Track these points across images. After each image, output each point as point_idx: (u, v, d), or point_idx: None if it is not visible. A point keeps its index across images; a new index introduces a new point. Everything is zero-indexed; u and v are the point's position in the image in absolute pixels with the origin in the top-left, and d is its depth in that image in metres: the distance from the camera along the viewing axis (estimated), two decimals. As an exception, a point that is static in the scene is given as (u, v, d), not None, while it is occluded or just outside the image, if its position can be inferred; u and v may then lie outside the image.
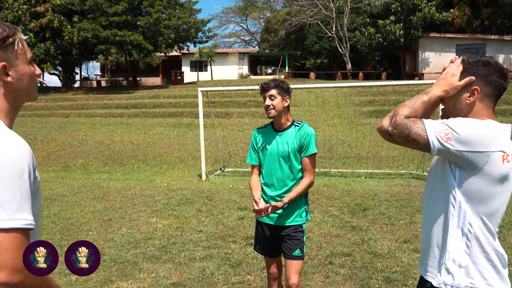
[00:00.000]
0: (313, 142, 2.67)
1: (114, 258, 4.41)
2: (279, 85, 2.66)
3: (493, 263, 1.53)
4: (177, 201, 7.21)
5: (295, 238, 2.71)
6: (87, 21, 24.11)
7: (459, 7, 25.31)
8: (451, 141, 1.45)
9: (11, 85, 1.20)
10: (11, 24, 1.23)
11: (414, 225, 5.42)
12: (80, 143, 14.29)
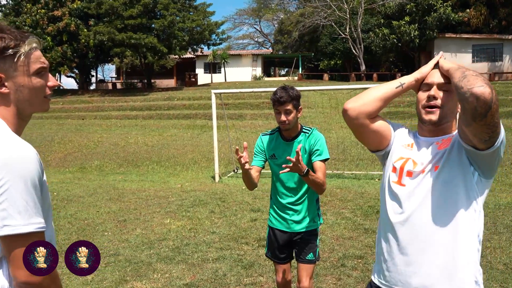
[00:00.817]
0: (325, 147, 2.60)
1: (129, 259, 4.48)
2: (294, 97, 2.51)
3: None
4: (190, 202, 7.28)
5: (309, 242, 2.69)
6: (103, 24, 24.51)
7: (475, 7, 24.94)
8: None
9: (9, 96, 1.19)
10: (21, 34, 1.22)
11: (428, 228, 5.37)
12: (96, 145, 14.53)
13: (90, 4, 25.08)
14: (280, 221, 2.74)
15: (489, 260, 4.23)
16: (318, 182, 2.42)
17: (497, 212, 6.17)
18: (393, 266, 1.53)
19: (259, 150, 2.73)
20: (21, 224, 1.07)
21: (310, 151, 2.59)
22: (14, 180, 1.07)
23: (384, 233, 1.58)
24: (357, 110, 1.52)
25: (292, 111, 2.52)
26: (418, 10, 24.94)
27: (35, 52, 1.25)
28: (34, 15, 25.05)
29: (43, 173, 1.20)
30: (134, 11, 23.72)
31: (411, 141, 1.59)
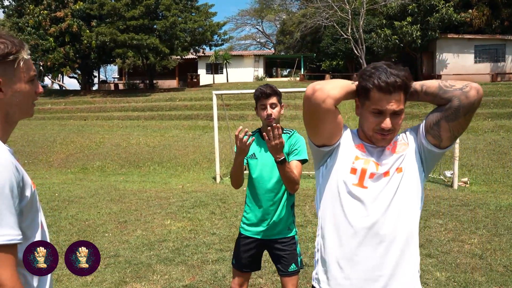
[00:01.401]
0: (305, 149, 2.50)
1: (129, 260, 4.50)
2: (278, 92, 2.53)
3: None
4: (191, 203, 7.29)
5: (288, 252, 2.55)
6: (105, 25, 24.58)
7: (477, 8, 24.86)
8: None
9: (2, 100, 1.20)
10: (19, 41, 1.24)
11: (428, 230, 5.36)
12: (97, 146, 14.56)
13: (92, 5, 25.16)
14: (254, 227, 2.59)
15: (489, 262, 4.22)
16: (292, 176, 2.31)
17: (498, 213, 6.15)
18: (355, 272, 1.47)
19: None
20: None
21: (289, 151, 2.51)
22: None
23: (338, 239, 1.50)
24: (327, 93, 1.41)
25: (277, 104, 2.50)
26: (420, 10, 24.87)
27: (30, 59, 1.27)
28: (36, 16, 25.14)
29: (22, 178, 1.17)
30: (136, 12, 23.78)
31: (360, 142, 1.55)
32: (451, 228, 5.44)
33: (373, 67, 1.48)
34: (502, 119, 14.77)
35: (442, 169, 9.45)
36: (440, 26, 24.60)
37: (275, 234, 2.57)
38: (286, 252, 2.56)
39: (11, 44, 1.19)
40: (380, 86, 1.40)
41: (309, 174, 10.04)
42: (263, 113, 2.50)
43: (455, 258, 4.36)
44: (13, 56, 1.19)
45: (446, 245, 4.77)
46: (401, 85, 1.42)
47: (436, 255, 4.43)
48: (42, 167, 12.83)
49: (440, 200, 7.18)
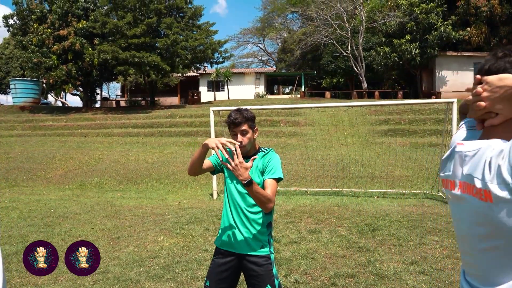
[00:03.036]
0: (279, 167, 2.49)
1: (118, 276, 4.43)
2: (249, 118, 2.51)
3: None
4: (186, 219, 7.23)
5: (262, 272, 2.44)
6: (107, 43, 24.88)
7: (476, 26, 25.12)
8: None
9: None
10: None
11: (423, 247, 5.29)
12: (96, 162, 14.56)
13: (95, 23, 25.52)
14: (228, 240, 2.53)
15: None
16: (262, 196, 2.28)
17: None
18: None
19: (216, 157, 2.65)
20: None
21: (263, 169, 2.49)
22: None
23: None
24: None
25: (248, 131, 2.49)
26: (418, 28, 25.15)
27: None
28: (40, 34, 25.51)
29: None
30: (138, 30, 24.10)
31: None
32: (446, 245, 5.36)
33: None
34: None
35: (441, 186, 9.38)
36: (439, 44, 24.84)
37: (248, 249, 2.48)
38: (260, 273, 2.44)
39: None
40: None
41: (307, 191, 9.99)
42: (234, 139, 2.49)
43: (449, 275, 4.28)
44: None
45: (441, 262, 4.69)
46: None
47: (429, 272, 4.35)
48: (40, 183, 12.81)
49: (437, 216, 7.10)
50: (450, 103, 8.66)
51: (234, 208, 2.54)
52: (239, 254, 2.50)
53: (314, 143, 14.59)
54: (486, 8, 24.27)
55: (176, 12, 27.09)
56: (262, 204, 2.33)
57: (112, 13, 25.96)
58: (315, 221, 6.92)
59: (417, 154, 12.17)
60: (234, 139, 2.49)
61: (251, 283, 2.49)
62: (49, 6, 26.99)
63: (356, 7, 28.18)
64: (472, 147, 1.26)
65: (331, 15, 28.95)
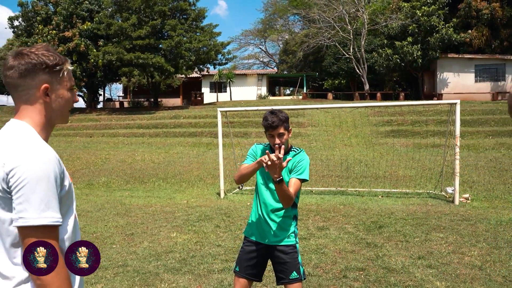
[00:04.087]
0: (307, 169, 2.65)
1: (137, 269, 4.62)
2: (285, 120, 2.63)
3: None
4: (196, 217, 7.41)
5: (289, 260, 2.65)
6: (111, 45, 25.12)
7: (477, 28, 25.34)
8: None
9: (48, 105, 1.39)
10: (64, 56, 1.46)
11: (429, 243, 5.47)
12: (103, 162, 14.76)
13: (100, 25, 25.78)
14: (258, 231, 2.72)
15: (488, 273, 4.33)
16: (286, 194, 2.46)
17: (498, 228, 6.25)
18: None
19: (252, 154, 2.82)
20: (33, 217, 1.20)
21: (292, 168, 2.65)
22: (32, 178, 1.22)
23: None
24: None
25: (284, 133, 2.63)
26: (420, 31, 25.36)
27: (71, 71, 1.48)
28: (45, 36, 25.77)
29: (64, 174, 1.35)
30: (142, 32, 24.34)
31: None
32: (451, 241, 5.54)
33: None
34: (503, 137, 14.92)
35: (444, 185, 9.57)
36: (441, 46, 25.05)
37: (276, 240, 2.68)
38: (287, 260, 2.66)
39: (58, 57, 1.40)
40: None
41: (311, 190, 10.17)
42: (272, 141, 2.66)
43: (455, 269, 4.46)
44: (59, 67, 1.40)
45: (447, 257, 4.88)
46: None
47: (436, 266, 4.54)
48: (49, 183, 12.99)
49: (441, 215, 7.28)
50: (454, 104, 8.83)
51: (263, 202, 2.74)
52: (266, 243, 2.71)
53: (318, 144, 14.78)
54: (487, 11, 24.50)
55: (180, 14, 27.34)
56: (284, 201, 2.53)
57: (117, 15, 26.22)
58: (323, 218, 7.10)
59: (420, 154, 12.36)
60: (271, 141, 2.66)
61: (278, 269, 2.71)
62: (54, 8, 27.27)
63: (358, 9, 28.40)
64: None
65: (333, 17, 29.17)
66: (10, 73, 1.35)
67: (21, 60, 1.34)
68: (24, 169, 1.22)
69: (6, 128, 1.37)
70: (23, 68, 1.34)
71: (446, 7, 25.53)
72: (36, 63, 1.35)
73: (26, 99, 1.38)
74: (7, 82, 1.38)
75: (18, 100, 1.39)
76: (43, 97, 1.38)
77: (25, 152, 1.26)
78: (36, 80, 1.36)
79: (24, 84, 1.35)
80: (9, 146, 1.28)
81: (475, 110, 18.83)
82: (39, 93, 1.37)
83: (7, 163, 1.24)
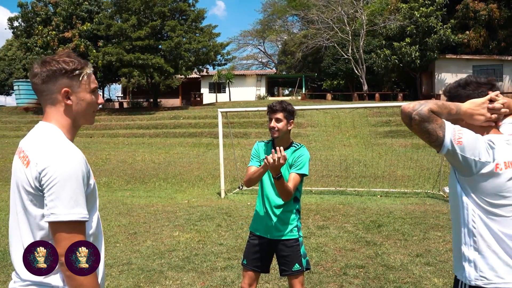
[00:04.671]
0: (307, 164, 2.75)
1: (141, 267, 4.72)
2: (286, 108, 2.75)
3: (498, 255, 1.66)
4: (197, 216, 7.51)
5: (291, 253, 2.77)
6: (111, 45, 25.21)
7: (474, 29, 25.51)
8: (461, 144, 1.62)
9: (71, 107, 1.49)
10: (83, 60, 1.55)
11: (427, 241, 5.58)
12: (104, 162, 14.84)
13: (100, 26, 25.85)
14: (262, 226, 2.84)
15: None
16: (284, 189, 2.60)
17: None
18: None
19: (255, 153, 2.96)
20: (63, 213, 1.30)
21: (292, 163, 2.76)
22: (62, 177, 1.32)
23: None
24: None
25: (282, 120, 2.74)
26: (418, 32, 25.52)
27: (92, 74, 1.58)
28: (45, 36, 25.84)
29: (89, 173, 1.46)
30: (142, 33, 24.43)
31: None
32: (449, 239, 5.65)
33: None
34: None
35: (442, 185, 9.68)
36: (438, 47, 25.20)
37: (279, 235, 2.80)
38: (290, 253, 2.79)
39: (77, 62, 1.51)
40: None
41: (311, 190, 10.28)
42: (269, 125, 2.80)
43: (452, 266, 4.57)
44: (78, 71, 1.50)
45: (444, 254, 4.99)
46: None
47: (434, 264, 4.65)
48: (50, 183, 13.08)
49: (439, 214, 7.39)
50: (451, 105, 8.94)
51: (266, 198, 2.86)
52: (271, 238, 2.83)
53: (318, 144, 14.90)
54: (484, 12, 24.66)
55: (180, 15, 27.44)
56: (283, 195, 2.67)
57: (116, 16, 26.30)
58: (322, 218, 7.21)
59: (418, 155, 12.48)
60: (268, 125, 2.79)
61: (281, 262, 2.84)
62: (54, 9, 27.33)
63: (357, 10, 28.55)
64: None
65: (332, 18, 29.30)
66: (35, 80, 1.47)
67: (44, 68, 1.46)
68: (55, 169, 1.33)
69: (36, 130, 1.49)
70: (45, 74, 1.45)
71: (444, 8, 25.69)
72: (56, 69, 1.46)
73: (50, 102, 1.49)
74: (34, 88, 1.50)
75: (44, 104, 1.50)
76: (65, 100, 1.48)
77: (56, 153, 1.37)
78: (57, 85, 1.46)
79: (47, 89, 1.47)
80: (40, 147, 1.39)
81: (473, 111, 18.96)
82: (61, 96, 1.47)
83: (39, 163, 1.35)
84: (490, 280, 1.67)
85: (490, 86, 1.78)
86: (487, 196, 1.69)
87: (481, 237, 1.70)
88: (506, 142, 1.73)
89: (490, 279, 1.67)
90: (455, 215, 1.81)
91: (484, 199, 1.70)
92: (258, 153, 2.96)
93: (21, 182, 1.39)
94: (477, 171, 1.67)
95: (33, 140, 1.44)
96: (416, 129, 1.65)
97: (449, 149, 1.64)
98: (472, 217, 1.72)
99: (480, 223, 1.70)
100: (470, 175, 1.69)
